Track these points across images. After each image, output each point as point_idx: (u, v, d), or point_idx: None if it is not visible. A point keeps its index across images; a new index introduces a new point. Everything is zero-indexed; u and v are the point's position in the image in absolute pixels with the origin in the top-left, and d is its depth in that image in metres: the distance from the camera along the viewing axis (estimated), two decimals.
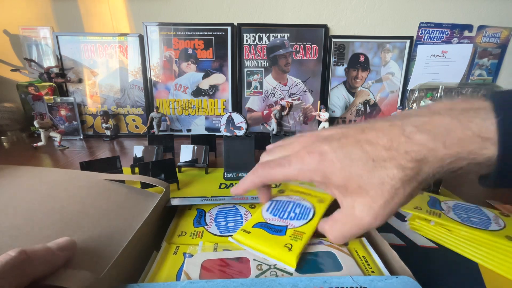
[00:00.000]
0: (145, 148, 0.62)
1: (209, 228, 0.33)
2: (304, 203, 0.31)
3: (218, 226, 0.33)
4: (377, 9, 0.91)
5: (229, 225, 0.33)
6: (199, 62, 0.92)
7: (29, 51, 0.94)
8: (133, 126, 0.97)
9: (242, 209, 0.37)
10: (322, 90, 0.94)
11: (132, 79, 0.94)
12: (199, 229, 0.33)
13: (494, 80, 0.99)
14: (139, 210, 0.32)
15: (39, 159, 0.72)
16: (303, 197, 0.33)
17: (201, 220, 0.35)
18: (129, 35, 0.90)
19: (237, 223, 0.34)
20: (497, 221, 0.35)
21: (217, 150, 0.73)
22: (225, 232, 0.32)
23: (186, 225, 0.34)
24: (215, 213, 0.36)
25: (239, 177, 0.57)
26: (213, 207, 0.38)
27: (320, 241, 0.28)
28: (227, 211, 0.37)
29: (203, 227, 0.33)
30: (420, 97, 0.93)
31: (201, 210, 0.37)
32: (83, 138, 0.93)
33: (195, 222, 0.34)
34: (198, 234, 0.32)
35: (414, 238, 0.38)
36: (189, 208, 0.38)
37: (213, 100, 0.94)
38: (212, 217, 0.35)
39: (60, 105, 0.91)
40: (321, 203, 0.31)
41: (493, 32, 0.93)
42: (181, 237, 0.31)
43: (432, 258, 0.34)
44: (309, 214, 0.29)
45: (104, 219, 0.29)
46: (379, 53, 0.92)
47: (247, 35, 0.90)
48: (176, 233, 0.32)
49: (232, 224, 0.34)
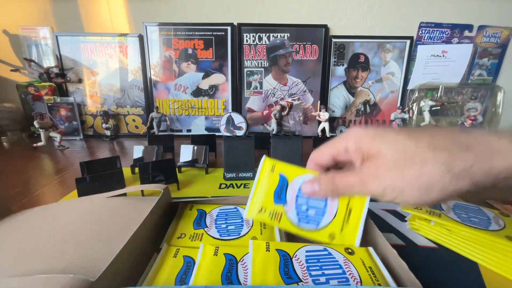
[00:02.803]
0: (145, 148, 0.62)
1: (209, 231, 0.32)
2: None
3: (218, 228, 0.33)
4: (377, 9, 0.91)
5: (229, 228, 0.33)
6: (199, 62, 0.92)
7: (29, 51, 0.94)
8: (133, 126, 0.97)
9: (243, 211, 0.36)
10: (322, 90, 0.94)
11: (132, 79, 0.94)
12: (199, 231, 0.32)
13: (494, 80, 0.99)
14: (138, 214, 0.31)
15: (39, 159, 0.72)
16: None
17: (201, 221, 0.34)
18: (129, 35, 0.90)
19: (237, 226, 0.33)
20: (497, 221, 0.35)
21: (217, 150, 0.73)
22: (225, 236, 0.31)
23: (186, 226, 0.33)
24: (216, 215, 0.36)
25: (239, 177, 0.57)
26: (213, 208, 0.37)
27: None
28: (228, 213, 0.36)
29: (203, 229, 0.33)
30: (420, 97, 0.93)
31: (201, 211, 0.37)
32: (83, 138, 0.93)
33: (195, 223, 0.34)
34: (197, 237, 0.31)
35: (414, 238, 0.38)
36: (190, 209, 0.37)
37: (213, 100, 0.94)
38: (213, 218, 0.35)
39: (60, 105, 0.91)
40: None
41: (493, 32, 0.93)
42: (181, 239, 0.31)
43: (432, 258, 0.34)
44: None
45: (104, 230, 0.30)
46: (379, 53, 0.92)
47: (247, 35, 0.90)
48: (176, 234, 0.32)
49: (232, 227, 0.33)
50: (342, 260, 0.26)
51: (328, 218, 0.28)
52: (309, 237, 0.28)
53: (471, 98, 0.90)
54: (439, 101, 0.91)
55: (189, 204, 0.38)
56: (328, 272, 0.25)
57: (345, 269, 0.25)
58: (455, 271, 0.32)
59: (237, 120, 0.94)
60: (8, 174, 0.62)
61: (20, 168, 0.66)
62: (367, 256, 0.27)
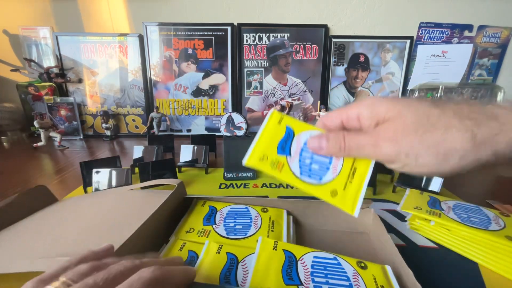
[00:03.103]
0: (145, 148, 0.62)
1: (217, 228, 0.33)
2: None
3: (226, 227, 0.33)
4: (377, 9, 0.91)
5: (236, 227, 0.33)
6: (199, 62, 0.92)
7: (29, 51, 0.94)
8: (133, 126, 0.97)
9: (253, 212, 0.36)
10: (322, 90, 0.94)
11: (132, 79, 0.94)
12: (207, 228, 0.33)
13: (494, 80, 0.99)
14: (155, 206, 0.33)
15: (39, 159, 0.72)
16: None
17: (211, 218, 0.35)
18: (129, 35, 0.90)
19: (245, 225, 0.33)
20: (497, 221, 0.35)
21: (217, 150, 0.73)
22: (231, 235, 0.32)
23: (196, 221, 0.34)
24: (226, 213, 0.36)
25: (239, 177, 0.57)
26: (225, 206, 0.38)
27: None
28: (238, 212, 0.36)
29: (211, 226, 0.33)
30: (420, 97, 0.93)
31: (213, 207, 0.37)
32: (83, 138, 0.93)
33: (205, 220, 0.35)
34: (205, 233, 0.32)
35: (414, 238, 0.38)
36: (202, 204, 0.38)
37: (213, 100, 0.94)
38: (222, 216, 0.35)
39: (60, 105, 0.91)
40: None
41: (493, 32, 0.93)
42: (189, 234, 0.32)
43: (432, 258, 0.34)
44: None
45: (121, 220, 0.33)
46: (379, 53, 0.92)
47: (247, 35, 0.90)
48: (185, 228, 0.33)
49: (240, 226, 0.33)
50: (351, 273, 0.25)
51: (332, 175, 0.26)
52: (310, 191, 0.26)
53: (471, 98, 0.90)
54: None
55: (202, 200, 0.39)
56: (333, 282, 0.24)
57: (353, 281, 0.24)
58: (455, 271, 0.32)
59: (237, 120, 0.94)
60: (8, 174, 0.62)
61: (20, 168, 0.66)
62: (381, 274, 0.26)
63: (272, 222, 0.34)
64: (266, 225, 0.34)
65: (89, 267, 0.18)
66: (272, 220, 0.35)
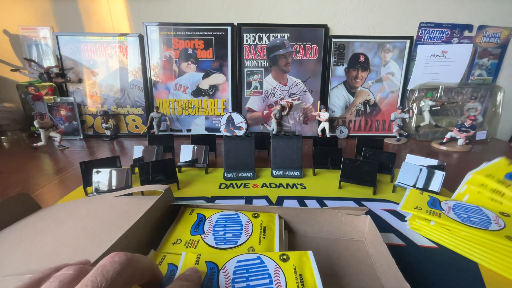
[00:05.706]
0: (145, 148, 0.62)
1: (206, 238, 0.31)
2: None
3: (216, 235, 0.32)
4: (377, 9, 0.91)
5: (226, 236, 0.32)
6: (199, 62, 0.92)
7: (29, 51, 0.94)
8: (133, 126, 0.97)
9: (244, 218, 0.35)
10: (322, 90, 0.94)
11: (132, 79, 0.94)
12: (195, 238, 0.31)
13: (494, 80, 0.99)
14: (139, 214, 0.31)
15: (39, 159, 0.72)
16: None
17: (199, 227, 0.33)
18: (129, 35, 0.90)
19: (235, 233, 0.32)
20: (497, 221, 0.35)
21: (217, 150, 0.73)
22: (221, 244, 0.30)
23: (183, 231, 0.33)
24: (215, 220, 0.35)
25: (239, 177, 0.57)
26: (214, 213, 0.36)
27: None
28: (228, 219, 0.35)
29: (199, 235, 0.32)
30: (420, 97, 0.93)
31: (201, 215, 0.36)
32: (83, 138, 0.93)
33: (193, 229, 0.33)
34: (193, 244, 0.30)
35: (414, 238, 0.38)
36: (190, 213, 0.37)
37: (213, 100, 0.94)
38: (211, 224, 0.34)
39: (60, 105, 0.91)
40: None
41: (493, 32, 0.93)
42: (176, 245, 0.30)
43: (432, 258, 0.34)
44: None
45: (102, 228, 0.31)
46: (379, 53, 0.92)
47: (247, 35, 0.90)
48: (171, 240, 0.31)
49: (230, 234, 0.32)
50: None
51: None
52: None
53: (471, 98, 0.90)
54: (439, 101, 0.91)
55: (190, 207, 0.38)
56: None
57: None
58: (455, 271, 0.32)
59: (237, 120, 0.94)
60: (8, 174, 0.62)
61: (20, 168, 0.66)
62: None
63: (263, 228, 0.33)
64: (258, 231, 0.32)
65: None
66: (264, 226, 0.33)
